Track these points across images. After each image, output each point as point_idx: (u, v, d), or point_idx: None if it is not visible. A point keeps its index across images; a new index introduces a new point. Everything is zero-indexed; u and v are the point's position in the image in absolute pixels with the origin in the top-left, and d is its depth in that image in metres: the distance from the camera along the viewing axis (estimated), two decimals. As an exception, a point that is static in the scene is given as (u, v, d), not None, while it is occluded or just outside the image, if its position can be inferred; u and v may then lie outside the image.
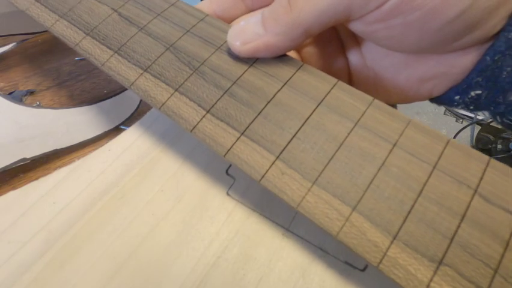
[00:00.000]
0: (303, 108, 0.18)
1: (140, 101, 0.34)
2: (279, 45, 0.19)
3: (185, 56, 0.20)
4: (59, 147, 0.28)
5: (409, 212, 0.15)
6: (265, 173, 0.17)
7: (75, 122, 0.31)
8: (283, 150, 0.17)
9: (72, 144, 0.29)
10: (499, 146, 0.63)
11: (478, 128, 0.68)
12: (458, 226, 0.15)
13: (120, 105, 0.33)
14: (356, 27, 0.19)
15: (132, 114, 0.33)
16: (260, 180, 0.16)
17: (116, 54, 0.20)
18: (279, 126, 0.17)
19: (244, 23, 0.19)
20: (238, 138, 0.17)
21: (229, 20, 0.23)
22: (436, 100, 0.22)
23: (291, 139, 0.17)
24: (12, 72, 0.36)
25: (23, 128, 0.29)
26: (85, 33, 0.22)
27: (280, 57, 0.19)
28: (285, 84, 0.19)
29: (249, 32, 0.19)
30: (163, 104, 0.19)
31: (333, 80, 0.18)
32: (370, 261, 0.15)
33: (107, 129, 0.31)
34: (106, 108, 0.33)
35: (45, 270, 0.19)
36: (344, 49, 0.24)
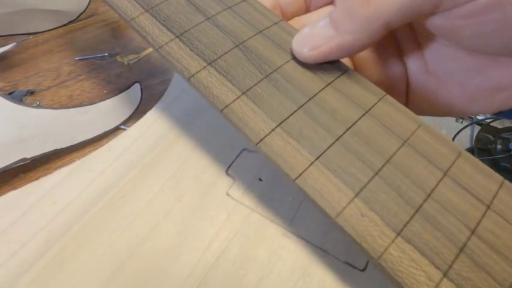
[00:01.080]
0: (386, 144, 0.16)
1: (140, 101, 0.34)
2: (355, 44, 0.17)
3: (256, 58, 0.18)
4: (59, 147, 0.28)
5: None
6: (342, 210, 0.14)
7: (75, 122, 0.31)
8: (363, 187, 0.15)
9: (72, 144, 0.29)
10: (499, 146, 0.63)
11: (477, 128, 0.68)
12: None
13: (120, 105, 0.33)
14: (437, 22, 0.17)
15: (132, 114, 0.33)
16: (336, 217, 0.14)
17: (177, 39, 0.18)
18: (359, 158, 0.15)
19: (309, 29, 0.18)
20: (312, 163, 0.15)
21: (288, 17, 0.22)
22: (507, 114, 0.19)
23: (373, 176, 0.15)
24: (12, 72, 0.36)
25: (23, 128, 0.29)
26: (143, 8, 0.20)
27: (361, 83, 0.18)
28: (366, 112, 0.17)
29: (317, 36, 0.17)
30: (226, 106, 0.17)
31: (418, 118, 0.17)
32: None
33: (107, 129, 0.31)
34: (106, 108, 0.33)
35: (45, 270, 0.19)
36: (402, 54, 0.22)
